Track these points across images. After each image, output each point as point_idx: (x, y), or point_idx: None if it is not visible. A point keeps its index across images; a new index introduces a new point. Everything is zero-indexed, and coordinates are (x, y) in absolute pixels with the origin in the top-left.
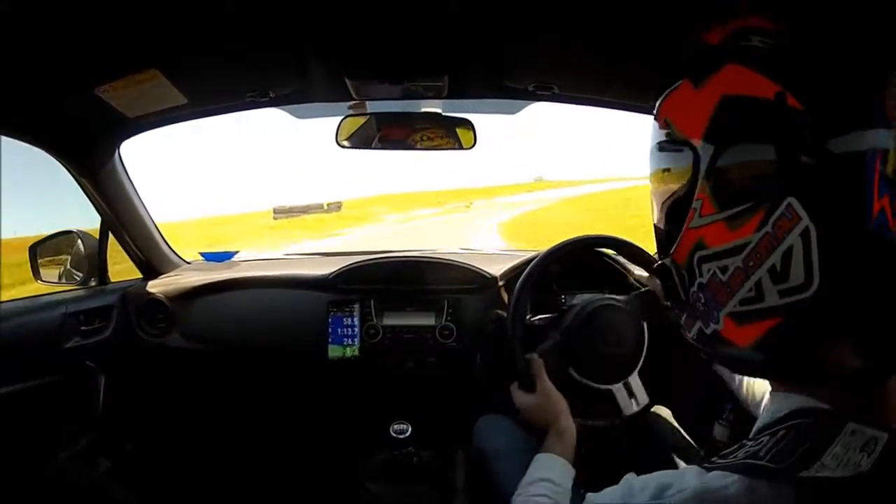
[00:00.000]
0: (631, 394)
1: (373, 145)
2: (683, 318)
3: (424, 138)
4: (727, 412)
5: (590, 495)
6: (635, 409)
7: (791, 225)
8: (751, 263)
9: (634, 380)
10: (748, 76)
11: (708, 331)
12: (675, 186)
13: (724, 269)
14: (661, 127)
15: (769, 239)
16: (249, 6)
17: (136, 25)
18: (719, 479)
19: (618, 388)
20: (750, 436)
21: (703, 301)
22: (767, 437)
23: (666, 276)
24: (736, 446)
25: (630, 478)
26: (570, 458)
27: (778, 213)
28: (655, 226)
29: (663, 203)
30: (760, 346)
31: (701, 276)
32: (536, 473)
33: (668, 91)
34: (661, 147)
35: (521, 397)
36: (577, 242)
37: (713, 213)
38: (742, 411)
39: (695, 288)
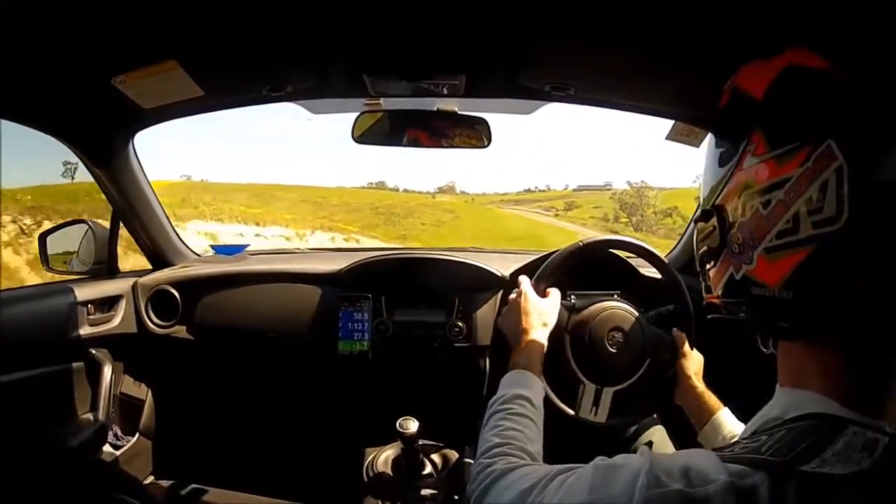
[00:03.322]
0: (596, 402)
1: (388, 142)
2: (712, 273)
3: (441, 136)
4: None
5: (601, 459)
6: (590, 417)
7: (829, 162)
8: (791, 195)
9: (607, 394)
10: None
11: (738, 275)
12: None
13: (766, 204)
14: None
15: (809, 173)
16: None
17: (157, 15)
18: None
19: (589, 388)
20: (745, 435)
21: (740, 241)
22: (766, 437)
23: (707, 217)
24: (731, 443)
25: (647, 452)
26: (538, 372)
27: (818, 152)
28: (704, 178)
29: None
30: (789, 282)
31: (744, 214)
32: (512, 389)
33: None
34: (727, 108)
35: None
36: (596, 242)
37: (764, 153)
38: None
39: (734, 229)
